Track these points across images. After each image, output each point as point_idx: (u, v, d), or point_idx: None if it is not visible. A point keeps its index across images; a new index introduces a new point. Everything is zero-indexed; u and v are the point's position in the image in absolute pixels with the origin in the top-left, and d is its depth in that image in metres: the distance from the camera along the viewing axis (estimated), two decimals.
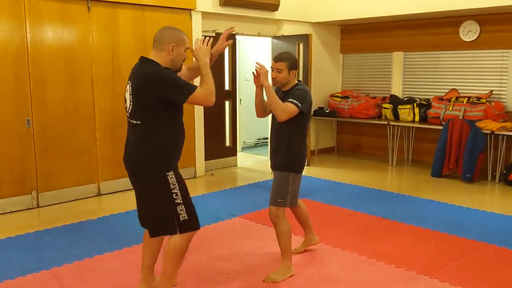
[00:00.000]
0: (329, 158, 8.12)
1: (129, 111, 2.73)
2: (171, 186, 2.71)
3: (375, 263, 3.67)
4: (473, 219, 4.79)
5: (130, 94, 2.70)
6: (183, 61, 2.83)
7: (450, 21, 7.10)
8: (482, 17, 6.78)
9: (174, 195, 2.72)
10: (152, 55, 2.77)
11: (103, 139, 5.63)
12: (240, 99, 8.29)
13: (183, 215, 2.75)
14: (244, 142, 8.94)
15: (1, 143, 4.90)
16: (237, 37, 7.33)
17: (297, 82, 3.43)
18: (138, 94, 2.67)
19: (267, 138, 8.30)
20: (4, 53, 4.85)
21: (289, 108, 3.20)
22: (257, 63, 3.31)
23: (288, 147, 3.34)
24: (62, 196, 5.35)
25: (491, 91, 6.70)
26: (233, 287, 3.30)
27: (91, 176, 5.58)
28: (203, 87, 2.71)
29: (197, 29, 6.39)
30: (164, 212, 2.76)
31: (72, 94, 5.35)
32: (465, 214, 4.94)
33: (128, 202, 5.36)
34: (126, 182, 5.80)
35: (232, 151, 7.53)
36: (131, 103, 2.70)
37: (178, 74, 2.81)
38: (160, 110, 2.66)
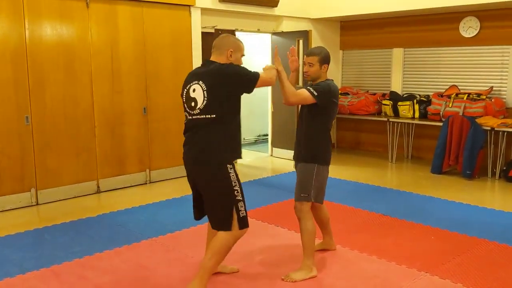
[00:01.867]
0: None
1: (201, 107, 2.88)
2: (233, 183, 2.90)
3: (376, 260, 3.66)
4: (474, 216, 4.78)
5: (204, 90, 2.87)
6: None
7: (450, 17, 7.07)
8: (482, 13, 6.76)
9: (235, 191, 2.91)
10: (214, 59, 3.02)
11: (103, 136, 5.61)
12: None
13: (243, 211, 2.93)
14: (244, 139, 8.93)
15: (0, 141, 4.88)
16: (237, 33, 7.30)
17: (328, 78, 3.43)
18: (215, 89, 2.86)
19: (267, 135, 8.29)
20: (2, 49, 4.82)
21: (302, 93, 3.23)
22: (291, 49, 3.42)
23: (314, 139, 3.36)
24: (61, 194, 5.34)
25: (491, 87, 6.69)
26: (233, 285, 3.29)
27: (90, 173, 5.56)
28: (265, 74, 3.08)
29: (196, 25, 6.36)
30: (229, 207, 2.91)
31: (71, 91, 5.33)
32: (466, 211, 4.93)
33: (128, 199, 5.36)
34: (125, 179, 5.85)
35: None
36: (205, 99, 2.86)
37: None
38: (232, 103, 2.93)
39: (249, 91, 3.00)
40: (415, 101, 7.18)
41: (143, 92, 5.93)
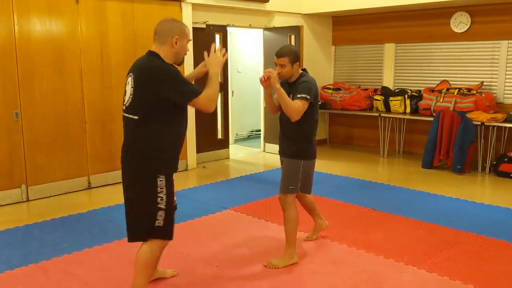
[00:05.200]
0: (321, 150, 8.09)
1: (127, 104, 2.64)
2: (158, 190, 2.63)
3: (364, 254, 3.69)
4: (463, 210, 4.81)
5: (131, 87, 2.61)
6: (185, 54, 2.77)
7: (441, 12, 7.09)
8: (473, 8, 6.78)
9: (159, 199, 2.64)
10: (154, 49, 2.67)
11: (93, 132, 5.60)
12: (232, 91, 8.26)
13: (160, 220, 2.67)
14: (237, 135, 8.93)
15: None
16: (229, 28, 7.29)
17: (301, 72, 3.46)
18: (140, 88, 2.57)
19: (259, 130, 8.29)
20: None
21: (301, 107, 3.27)
22: (265, 71, 3.33)
23: (296, 135, 3.40)
24: (51, 190, 5.33)
25: (482, 82, 6.71)
26: (222, 279, 3.30)
27: (81, 169, 5.55)
28: (207, 92, 2.62)
29: (188, 21, 6.34)
30: (144, 215, 2.68)
31: (61, 87, 5.31)
32: (455, 205, 4.96)
33: (118, 195, 5.32)
34: (116, 175, 5.83)
35: (224, 144, 7.52)
36: (131, 96, 2.60)
37: None
38: (160, 108, 2.57)
39: (180, 102, 2.59)
40: (406, 96, 7.20)
41: None
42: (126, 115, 2.66)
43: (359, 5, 7.26)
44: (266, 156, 7.68)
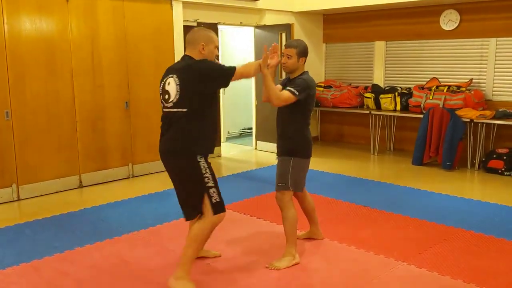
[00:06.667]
0: (313, 148, 8.13)
1: (174, 101, 2.94)
2: (203, 171, 2.96)
3: (354, 250, 3.72)
4: (452, 206, 4.87)
5: (177, 85, 2.93)
6: (214, 57, 3.11)
7: (431, 10, 7.14)
8: (462, 6, 6.84)
9: (206, 178, 2.97)
10: (188, 54, 3.07)
11: (84, 131, 5.59)
12: (224, 90, 8.27)
13: (215, 197, 3.01)
14: (229, 132, 8.94)
15: None
16: (220, 26, 7.30)
17: (304, 71, 3.47)
18: (190, 84, 2.91)
19: (251, 129, 8.32)
20: None
21: (284, 95, 3.28)
22: (273, 45, 3.34)
23: (291, 134, 3.43)
24: (43, 189, 5.32)
25: (471, 79, 6.78)
26: (214, 277, 3.32)
27: (72, 168, 5.54)
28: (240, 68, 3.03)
29: (178, 19, 6.35)
30: (200, 194, 2.98)
31: (52, 86, 5.29)
32: (444, 201, 5.02)
33: (109, 193, 5.36)
34: (107, 173, 5.83)
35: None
36: (178, 93, 2.92)
37: None
38: (207, 98, 2.97)
39: (224, 85, 3.05)
40: (396, 93, 7.25)
41: (125, 87, 5.91)
42: (173, 110, 2.96)
43: (350, 3, 7.29)
44: (258, 154, 7.71)
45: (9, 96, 4.98)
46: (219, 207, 3.02)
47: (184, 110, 2.93)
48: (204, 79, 2.93)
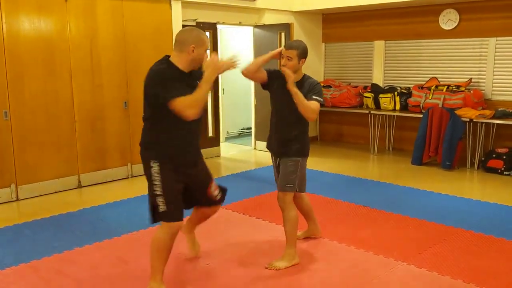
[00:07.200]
0: (312, 148, 7.99)
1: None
2: (152, 177, 2.87)
3: (354, 250, 3.72)
4: (452, 205, 4.86)
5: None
6: (203, 61, 2.92)
7: (430, 9, 7.14)
8: (461, 5, 6.84)
9: (154, 186, 2.88)
10: (173, 55, 2.90)
11: (83, 131, 5.58)
12: (223, 89, 8.27)
13: (161, 206, 2.86)
14: (228, 132, 8.93)
15: None
16: (219, 26, 7.29)
17: (304, 74, 3.46)
18: (144, 89, 2.84)
19: (250, 128, 8.31)
20: None
21: (316, 108, 3.30)
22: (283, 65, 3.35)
23: (298, 135, 3.43)
24: (42, 189, 5.31)
25: (470, 79, 6.78)
26: (213, 277, 3.32)
27: (71, 168, 5.53)
28: (187, 98, 2.71)
29: (177, 18, 6.33)
30: (151, 200, 2.93)
31: (51, 85, 5.28)
32: (444, 201, 5.02)
33: (108, 194, 5.35)
34: (106, 173, 5.82)
35: (215, 141, 7.52)
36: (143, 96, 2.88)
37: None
38: (156, 109, 2.80)
39: (162, 102, 2.74)
40: (396, 93, 7.25)
41: (124, 86, 5.90)
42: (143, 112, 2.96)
43: (349, 3, 7.29)
44: (257, 154, 7.70)
45: (7, 96, 4.97)
46: (164, 217, 2.87)
47: (143, 114, 2.93)
48: (144, 90, 2.83)
